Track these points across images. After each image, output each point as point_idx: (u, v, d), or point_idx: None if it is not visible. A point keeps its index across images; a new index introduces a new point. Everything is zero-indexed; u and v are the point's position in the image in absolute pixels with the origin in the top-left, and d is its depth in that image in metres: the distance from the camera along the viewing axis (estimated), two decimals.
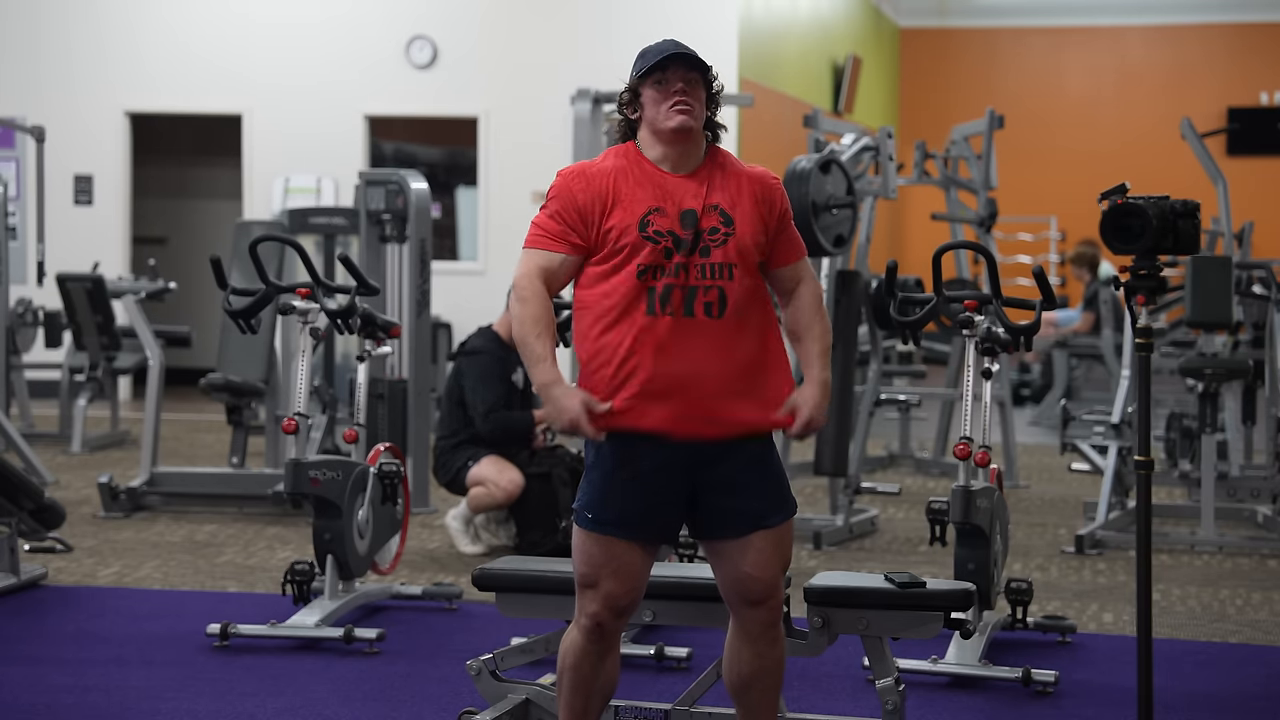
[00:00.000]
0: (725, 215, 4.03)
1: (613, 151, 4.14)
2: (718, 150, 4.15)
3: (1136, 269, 4.71)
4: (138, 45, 14.77)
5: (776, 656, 4.13)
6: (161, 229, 16.20)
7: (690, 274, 3.99)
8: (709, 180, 4.07)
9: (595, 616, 4.03)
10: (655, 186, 4.04)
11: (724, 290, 4.00)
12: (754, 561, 4.03)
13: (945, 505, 5.58)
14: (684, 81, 4.03)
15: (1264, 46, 20.10)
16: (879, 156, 8.82)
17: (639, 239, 4.00)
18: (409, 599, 6.68)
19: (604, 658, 4.08)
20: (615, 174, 4.06)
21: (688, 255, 3.99)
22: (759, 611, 4.06)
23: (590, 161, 4.15)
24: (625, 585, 4.02)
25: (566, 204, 4.04)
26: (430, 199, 9.09)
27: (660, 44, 4.09)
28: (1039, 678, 5.49)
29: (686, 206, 4.03)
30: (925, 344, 14.56)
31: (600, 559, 4.01)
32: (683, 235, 4.00)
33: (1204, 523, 8.20)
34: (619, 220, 4.01)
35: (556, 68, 14.08)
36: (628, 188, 4.04)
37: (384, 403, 8.46)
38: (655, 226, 4.00)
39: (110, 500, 8.73)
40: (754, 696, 4.16)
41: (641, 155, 4.09)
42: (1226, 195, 9.32)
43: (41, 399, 12.72)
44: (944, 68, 20.94)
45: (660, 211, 4.02)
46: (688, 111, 4.02)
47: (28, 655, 5.89)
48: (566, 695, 4.11)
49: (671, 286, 3.98)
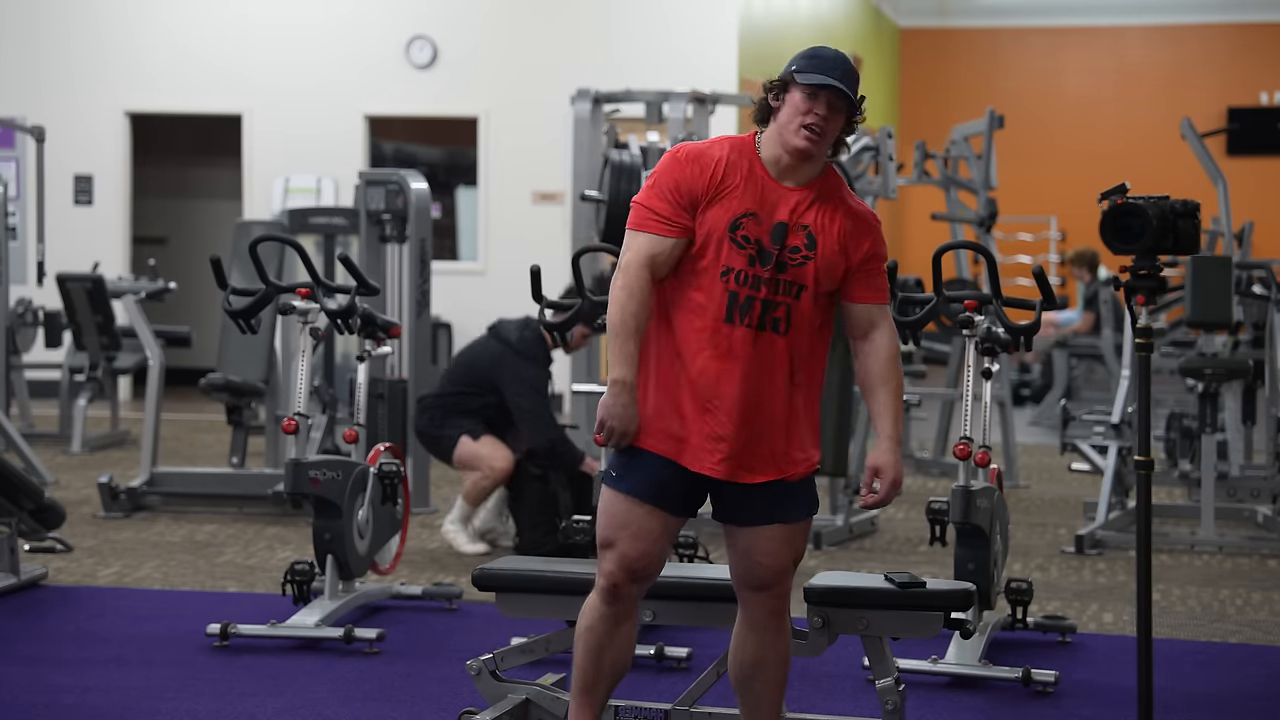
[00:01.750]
0: (811, 237, 4.05)
1: (729, 141, 4.11)
2: (833, 173, 4.15)
3: (1136, 269, 4.71)
4: (137, 45, 14.76)
5: (780, 649, 4.17)
6: (161, 229, 16.19)
7: (769, 288, 4.02)
8: (810, 201, 4.07)
9: (611, 577, 4.09)
10: (758, 191, 4.05)
11: (790, 309, 4.04)
12: (765, 550, 4.10)
13: (945, 505, 5.58)
14: (829, 108, 4.02)
15: (1264, 46, 20.09)
16: (879, 156, 8.83)
17: (726, 238, 4.01)
18: (409, 599, 6.68)
19: (619, 623, 4.14)
20: (728, 167, 4.04)
21: (770, 269, 4.02)
22: (764, 597, 4.13)
23: (705, 145, 4.12)
24: (641, 548, 4.07)
25: (677, 186, 4.03)
26: (430, 199, 9.09)
27: (831, 58, 4.05)
28: (1039, 678, 5.49)
29: (780, 219, 4.04)
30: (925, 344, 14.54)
31: (621, 519, 4.08)
32: (769, 247, 4.03)
33: (1204, 523, 8.20)
34: (715, 215, 4.02)
35: (556, 68, 14.08)
36: (734, 185, 4.03)
37: (384, 403, 8.45)
38: (744, 231, 4.02)
39: (110, 500, 8.73)
40: (757, 689, 4.19)
41: (756, 154, 4.08)
42: (1226, 195, 9.32)
43: (41, 399, 12.72)
44: (944, 68, 20.93)
45: (754, 217, 4.03)
46: (814, 141, 4.02)
47: (28, 655, 5.89)
48: (579, 659, 4.17)
49: (753, 298, 4.02)
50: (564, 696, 4.84)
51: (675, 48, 14.25)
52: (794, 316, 4.04)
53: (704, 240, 4.02)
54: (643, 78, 12.05)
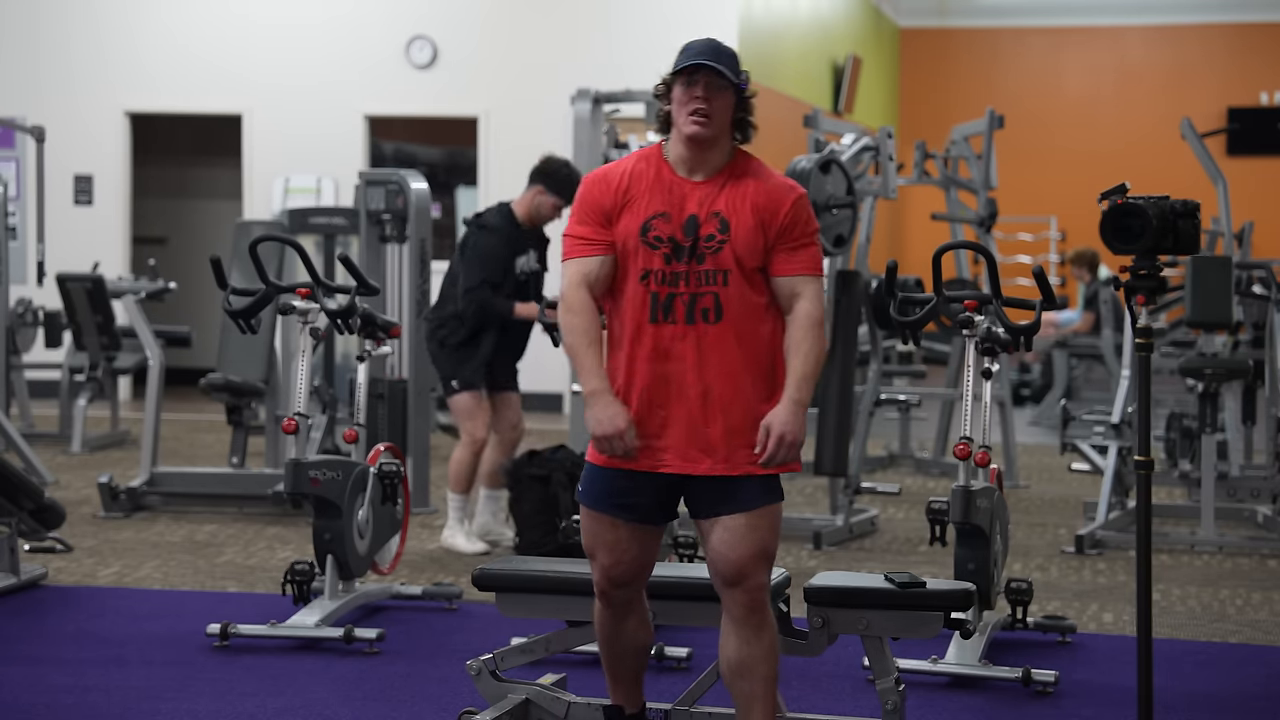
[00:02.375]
0: (723, 222, 4.15)
1: (637, 154, 4.28)
2: (744, 156, 4.26)
3: (1136, 269, 4.71)
4: (137, 45, 14.76)
5: (764, 646, 4.20)
6: (161, 229, 16.19)
7: (691, 281, 4.12)
8: (720, 187, 4.19)
9: (598, 584, 4.31)
10: (666, 192, 4.18)
11: (719, 296, 4.13)
12: (722, 539, 4.16)
13: (945, 505, 5.57)
14: (707, 89, 4.15)
15: (1264, 46, 20.09)
16: (879, 156, 8.82)
17: (639, 243, 4.13)
18: (409, 599, 6.68)
19: (621, 621, 4.34)
20: (631, 177, 4.20)
21: (687, 261, 4.12)
22: (736, 593, 4.18)
23: (611, 165, 4.30)
24: (615, 558, 4.25)
25: (591, 207, 4.20)
26: (430, 199, 9.09)
27: (698, 45, 4.23)
28: (1039, 678, 5.49)
29: (690, 212, 4.15)
30: (925, 344, 14.55)
31: (592, 531, 4.29)
32: (683, 241, 4.13)
33: (1204, 523, 8.20)
34: (625, 224, 4.16)
35: (556, 68, 14.07)
36: (640, 192, 4.18)
37: (384, 403, 8.46)
38: (655, 232, 4.15)
39: (110, 500, 8.73)
40: (746, 686, 4.22)
41: (663, 159, 4.22)
42: (1226, 195, 9.32)
43: (41, 399, 12.72)
44: (944, 68, 20.93)
45: (664, 217, 4.16)
46: (703, 123, 4.14)
47: (28, 655, 5.89)
48: (602, 653, 4.44)
49: (674, 295, 4.12)
50: (564, 696, 4.84)
51: (675, 48, 14.09)
52: (724, 303, 4.12)
53: (621, 249, 4.17)
54: (643, 78, 11.98)
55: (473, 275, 7.68)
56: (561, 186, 7.76)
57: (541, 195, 7.81)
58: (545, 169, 7.86)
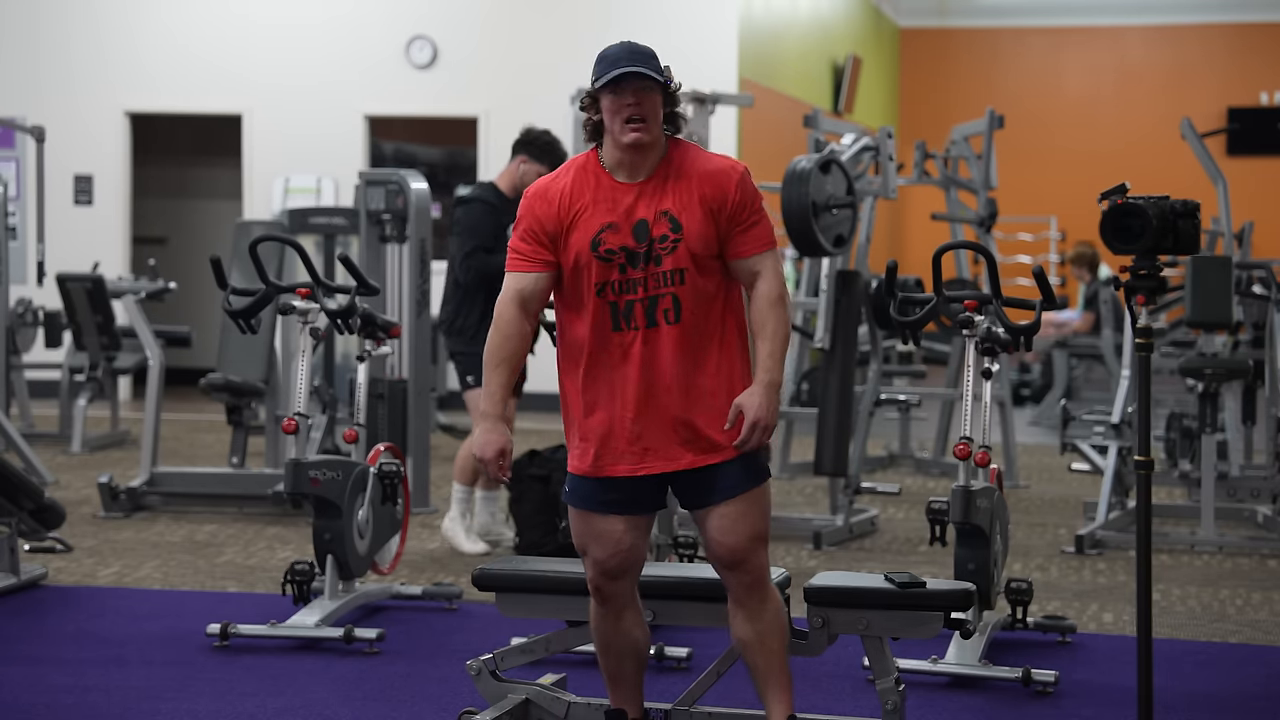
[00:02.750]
0: (674, 221, 4.17)
1: (574, 163, 4.28)
2: (677, 146, 4.25)
3: (1136, 269, 4.71)
4: (137, 45, 14.76)
5: (769, 621, 4.31)
6: (161, 229, 16.20)
7: (648, 285, 4.16)
8: (663, 185, 4.20)
9: (592, 580, 4.35)
10: (610, 201, 4.20)
11: (677, 296, 4.17)
12: (716, 527, 4.25)
13: (945, 505, 5.57)
14: (635, 94, 4.14)
15: (1264, 46, 20.09)
16: (879, 156, 8.82)
17: (591, 258, 4.18)
18: (409, 599, 6.68)
19: (618, 619, 4.37)
20: (572, 192, 4.21)
21: (644, 266, 4.15)
22: (737, 575, 4.28)
23: (551, 177, 4.29)
24: (607, 550, 4.29)
25: (533, 224, 4.23)
26: (430, 199, 9.09)
27: (615, 51, 4.17)
28: (1039, 678, 5.48)
29: (639, 217, 4.17)
30: (925, 344, 14.55)
31: (583, 528, 4.33)
32: (636, 248, 4.16)
33: (1204, 523, 8.20)
34: (575, 241, 4.20)
35: (556, 68, 14.07)
36: (583, 205, 4.20)
37: (384, 403, 8.45)
38: (607, 245, 4.18)
39: (110, 500, 8.73)
40: (760, 661, 4.34)
41: (600, 166, 4.23)
42: (1226, 195, 9.32)
43: (41, 399, 12.72)
44: (944, 68, 20.93)
45: (613, 228, 4.18)
46: (641, 129, 4.15)
47: (28, 655, 5.89)
48: (600, 658, 4.47)
49: (632, 302, 4.16)
50: (564, 696, 4.84)
51: (675, 48, 14.18)
52: (683, 301, 4.17)
53: (574, 265, 4.20)
54: None
55: (466, 244, 7.72)
56: (544, 153, 7.84)
57: (526, 164, 7.86)
58: (526, 138, 7.95)
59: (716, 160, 4.24)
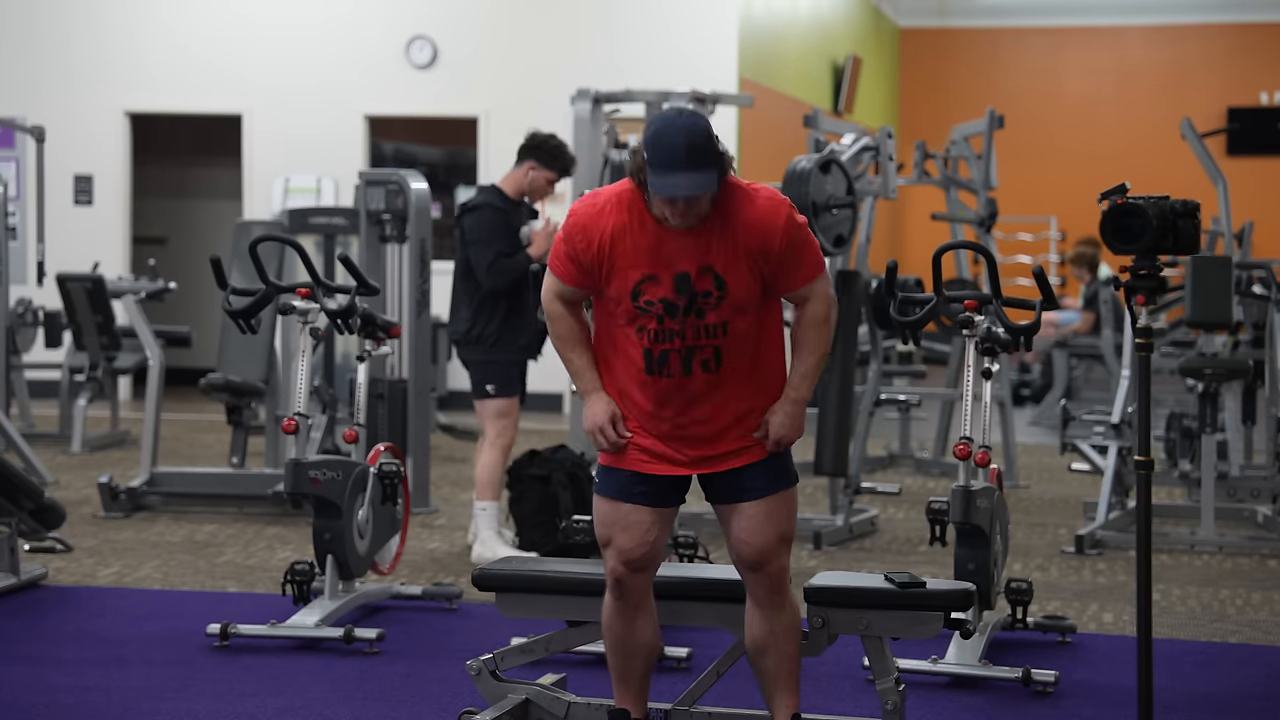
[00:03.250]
0: (719, 278, 4.14)
1: (620, 197, 4.19)
2: (722, 188, 4.14)
3: (1136, 269, 4.71)
4: (137, 45, 14.76)
5: (785, 624, 4.36)
6: (161, 229, 16.20)
7: (686, 336, 4.17)
8: (708, 235, 4.14)
9: (613, 572, 4.34)
10: (652, 250, 4.15)
11: (719, 348, 4.19)
12: (743, 527, 4.29)
13: (945, 505, 5.57)
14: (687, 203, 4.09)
15: (1264, 46, 20.08)
16: (879, 156, 8.82)
17: (631, 308, 4.19)
18: (409, 599, 6.68)
19: (634, 616, 4.39)
20: (614, 234, 4.16)
21: (683, 319, 4.15)
22: (758, 576, 4.32)
23: (596, 209, 4.20)
24: (635, 539, 4.31)
25: (574, 252, 4.21)
26: (430, 199, 9.09)
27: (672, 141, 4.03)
28: (1039, 678, 5.48)
29: (680, 270, 4.14)
30: (925, 344, 14.54)
31: (610, 517, 4.34)
32: (676, 300, 4.16)
33: (1204, 523, 8.20)
34: (615, 288, 4.20)
35: (556, 68, 14.08)
36: (624, 249, 4.15)
37: (384, 403, 8.45)
38: (646, 296, 4.17)
39: (110, 500, 8.73)
40: (770, 664, 4.38)
41: (645, 206, 4.17)
42: (1226, 195, 9.32)
43: (41, 399, 12.72)
44: (944, 68, 20.93)
45: (653, 280, 4.15)
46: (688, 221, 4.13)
47: (28, 655, 5.89)
48: (609, 656, 4.47)
49: (668, 352, 4.18)
50: (564, 696, 4.84)
51: (675, 48, 14.25)
52: (724, 352, 4.20)
53: (615, 299, 4.21)
54: (643, 78, 12.05)
55: (486, 253, 7.49)
56: (553, 159, 7.72)
57: (535, 170, 7.74)
58: (533, 143, 7.78)
59: (760, 203, 4.15)
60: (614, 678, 4.49)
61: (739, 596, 4.52)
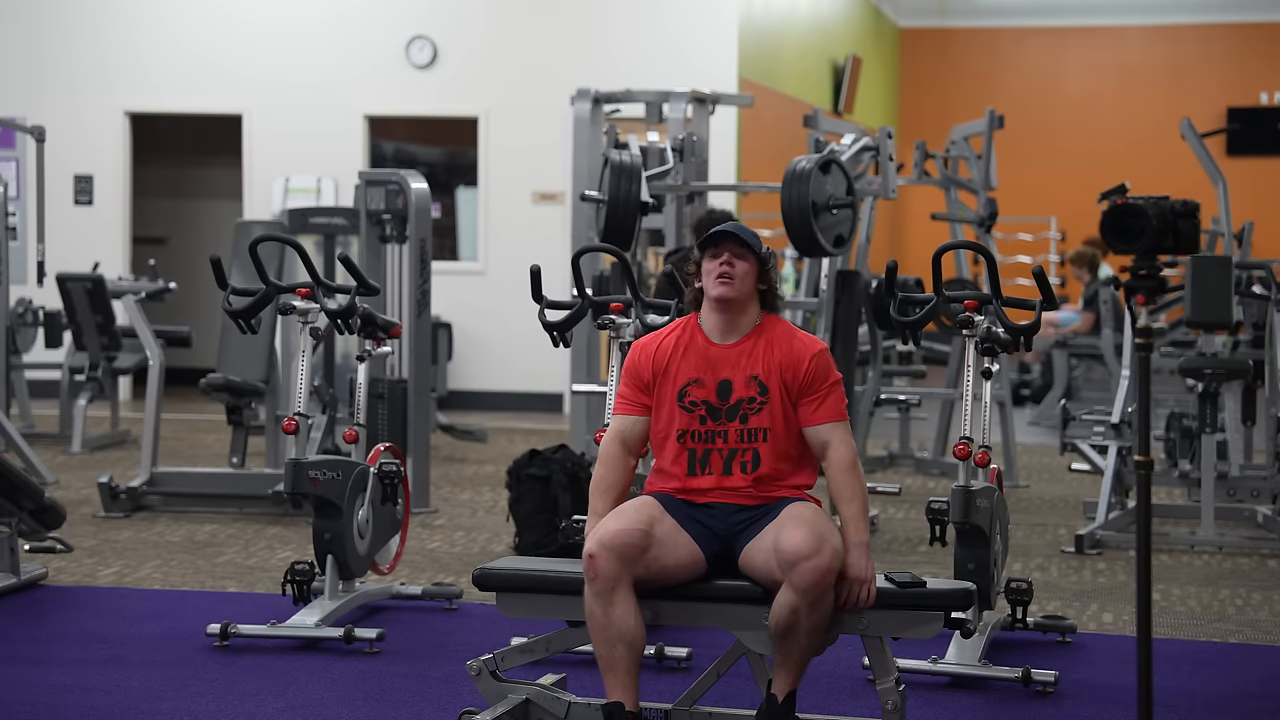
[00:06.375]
0: (761, 385, 4.63)
1: (678, 324, 4.78)
2: (770, 320, 4.72)
3: (1136, 269, 4.72)
4: (137, 45, 14.77)
5: (815, 620, 4.46)
6: (161, 229, 16.20)
7: (729, 438, 4.63)
8: (751, 351, 4.67)
9: (586, 549, 4.51)
10: (701, 359, 4.68)
11: (758, 451, 4.62)
12: (778, 535, 4.49)
13: (945, 505, 5.57)
14: (731, 254, 4.63)
15: (1264, 46, 20.09)
16: (879, 156, 8.81)
17: (676, 408, 4.65)
18: (409, 599, 6.68)
19: (609, 605, 4.49)
20: (672, 349, 4.71)
21: (726, 422, 4.62)
22: (800, 569, 4.40)
23: (659, 333, 4.80)
24: (619, 525, 4.49)
25: (634, 373, 4.74)
26: (430, 199, 9.09)
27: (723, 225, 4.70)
28: (1039, 678, 5.48)
29: (723, 377, 4.65)
30: (925, 344, 14.55)
31: (631, 507, 4.62)
32: (718, 405, 4.64)
33: (1204, 523, 8.20)
34: (665, 388, 4.68)
35: (556, 68, 14.08)
36: (677, 361, 4.69)
37: (384, 403, 8.45)
38: (691, 397, 4.66)
39: (110, 500, 8.73)
40: (788, 644, 4.48)
41: (698, 328, 4.73)
42: (1226, 195, 9.30)
43: (41, 399, 12.72)
44: (944, 68, 20.93)
45: (699, 383, 4.67)
46: (728, 283, 4.62)
47: (28, 655, 5.89)
48: (594, 646, 4.56)
49: (710, 451, 4.64)
50: (564, 696, 4.84)
51: (675, 48, 14.25)
52: (763, 456, 4.62)
53: (659, 410, 4.69)
54: (643, 78, 12.06)
55: None
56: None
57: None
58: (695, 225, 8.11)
59: (801, 338, 4.68)
60: (601, 668, 4.55)
61: (739, 597, 4.52)
